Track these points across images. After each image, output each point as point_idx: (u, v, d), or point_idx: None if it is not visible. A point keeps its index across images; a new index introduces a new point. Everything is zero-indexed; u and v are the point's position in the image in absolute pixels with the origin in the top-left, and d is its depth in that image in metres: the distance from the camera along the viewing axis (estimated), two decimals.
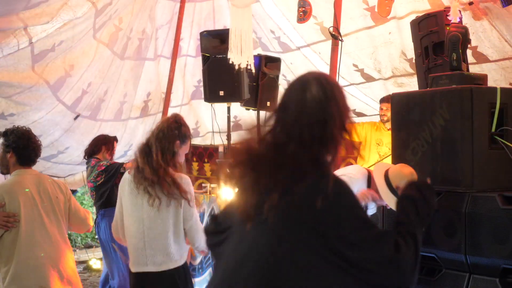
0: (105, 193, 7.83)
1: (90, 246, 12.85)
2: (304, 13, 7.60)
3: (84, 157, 8.28)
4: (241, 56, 7.82)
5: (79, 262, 10.98)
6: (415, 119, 5.31)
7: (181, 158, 5.05)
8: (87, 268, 11.40)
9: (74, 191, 11.52)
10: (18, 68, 7.92)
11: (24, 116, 8.42)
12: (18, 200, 5.04)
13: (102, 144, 8.19)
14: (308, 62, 9.31)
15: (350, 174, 5.18)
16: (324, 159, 2.72)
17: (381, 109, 7.91)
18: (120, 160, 9.38)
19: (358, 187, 5.13)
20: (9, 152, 5.23)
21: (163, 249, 4.88)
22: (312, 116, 2.69)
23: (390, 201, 4.86)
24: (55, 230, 5.19)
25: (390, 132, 7.66)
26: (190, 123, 11.21)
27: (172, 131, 4.94)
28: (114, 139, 8.39)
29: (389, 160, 6.20)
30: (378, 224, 4.93)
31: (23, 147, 5.23)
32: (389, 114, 7.68)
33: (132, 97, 10.11)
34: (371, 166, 7.62)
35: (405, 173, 4.93)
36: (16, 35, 7.49)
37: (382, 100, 7.91)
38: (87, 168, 8.15)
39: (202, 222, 7.30)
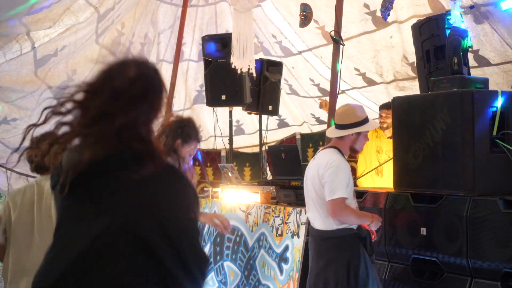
0: None
1: None
2: (305, 17, 7.61)
3: None
4: (243, 60, 7.84)
5: None
6: (417, 123, 5.32)
7: (185, 160, 5.01)
8: None
9: None
10: (21, 73, 7.94)
11: (27, 121, 8.44)
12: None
13: None
14: (310, 66, 9.33)
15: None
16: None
17: (380, 116, 7.86)
18: None
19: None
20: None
21: None
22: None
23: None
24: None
25: (390, 140, 7.69)
26: None
27: (175, 129, 4.89)
28: None
29: (389, 165, 6.19)
30: None
31: None
32: (389, 121, 7.51)
33: None
34: (370, 171, 7.64)
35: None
36: (18, 40, 7.52)
37: (382, 107, 7.84)
38: None
39: (204, 226, 7.31)
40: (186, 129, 4.96)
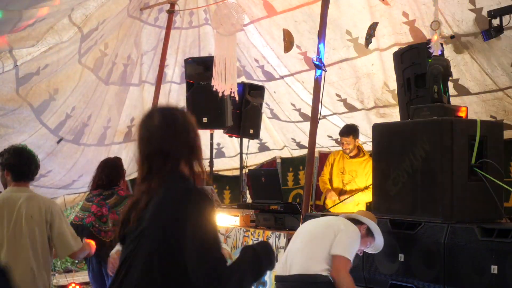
0: None
1: (69, 271, 12.74)
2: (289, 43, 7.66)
3: (96, 186, 7.15)
4: (225, 83, 7.88)
5: (58, 287, 10.87)
6: (396, 150, 5.36)
7: None
8: None
9: None
10: (2, 91, 7.90)
11: (6, 139, 8.38)
12: None
13: (120, 169, 7.30)
14: (291, 91, 9.37)
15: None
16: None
17: (341, 143, 8.00)
18: None
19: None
20: (4, 170, 5.29)
21: None
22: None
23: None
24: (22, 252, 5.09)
25: (352, 160, 7.88)
26: None
27: None
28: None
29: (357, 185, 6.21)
30: None
31: (14, 164, 5.25)
32: (350, 146, 7.95)
33: (116, 122, 10.11)
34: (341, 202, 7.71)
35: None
36: (1, 58, 7.49)
37: (342, 134, 7.97)
38: (104, 197, 7.04)
39: None
40: None
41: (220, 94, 7.98)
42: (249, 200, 8.99)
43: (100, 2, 7.84)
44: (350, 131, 7.91)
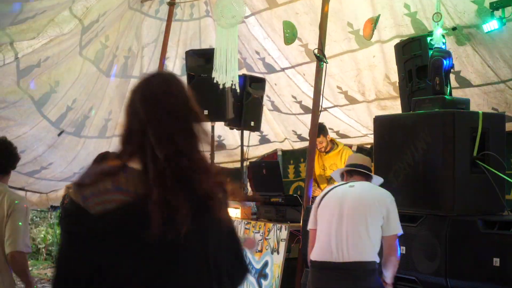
0: None
1: None
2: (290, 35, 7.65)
3: None
4: (226, 75, 7.87)
5: None
6: (398, 142, 5.36)
7: None
8: None
9: (55, 207, 11.43)
10: (3, 83, 7.91)
11: (8, 131, 8.39)
12: None
13: None
14: (293, 83, 9.36)
15: None
16: None
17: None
18: None
19: None
20: None
21: None
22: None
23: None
24: None
25: (328, 154, 8.00)
26: None
27: None
28: None
29: None
30: None
31: None
32: (324, 144, 8.20)
33: (117, 114, 10.10)
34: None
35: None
36: (1, 50, 7.49)
37: None
38: None
39: None
40: None
41: (221, 87, 7.96)
42: (250, 192, 8.99)
43: None
44: (318, 132, 7.84)
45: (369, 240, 4.71)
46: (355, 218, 4.74)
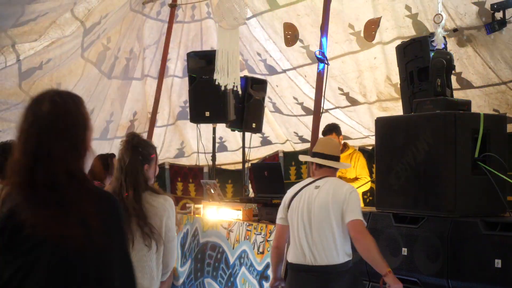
0: None
1: None
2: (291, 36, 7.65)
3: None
4: (227, 77, 7.88)
5: None
6: (399, 144, 5.36)
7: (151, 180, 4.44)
8: None
9: None
10: (5, 85, 7.92)
11: (10, 133, 8.40)
12: None
13: (105, 166, 6.92)
14: (294, 84, 9.36)
15: None
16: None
17: None
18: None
19: None
20: None
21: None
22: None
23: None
24: None
25: None
26: (176, 143, 11.23)
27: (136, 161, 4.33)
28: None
29: None
30: None
31: None
32: None
33: (119, 116, 10.12)
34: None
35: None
36: (3, 52, 7.50)
37: (324, 133, 7.94)
38: None
39: (185, 242, 7.29)
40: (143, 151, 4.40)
41: (222, 88, 7.97)
42: (251, 194, 8.99)
43: None
44: (332, 129, 7.85)
45: (336, 244, 4.80)
46: (322, 224, 4.84)
